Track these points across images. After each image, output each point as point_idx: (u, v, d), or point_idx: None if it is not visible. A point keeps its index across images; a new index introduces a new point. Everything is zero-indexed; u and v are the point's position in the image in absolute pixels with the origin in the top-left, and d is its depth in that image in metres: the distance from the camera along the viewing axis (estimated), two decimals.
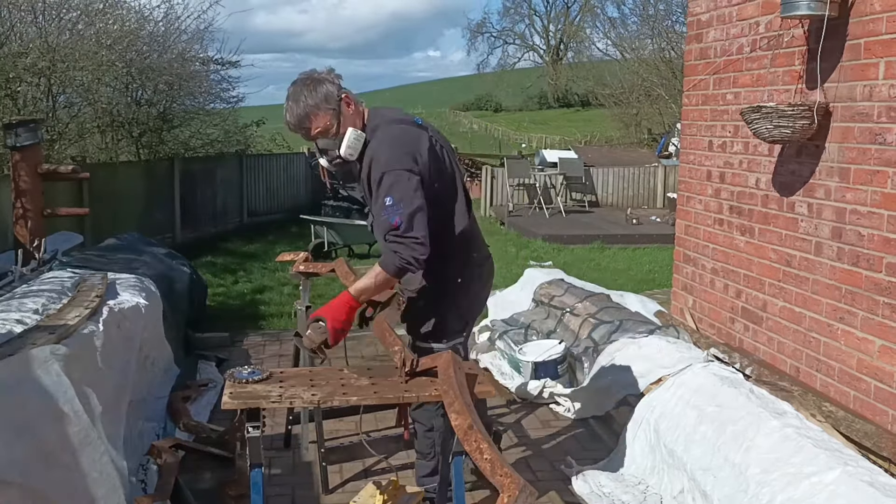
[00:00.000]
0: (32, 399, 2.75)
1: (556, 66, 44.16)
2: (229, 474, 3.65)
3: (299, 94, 2.85)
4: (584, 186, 16.73)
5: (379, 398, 2.83)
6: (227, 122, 13.68)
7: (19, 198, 5.62)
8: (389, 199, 2.75)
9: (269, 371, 2.93)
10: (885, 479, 2.77)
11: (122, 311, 4.09)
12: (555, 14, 45.89)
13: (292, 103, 2.86)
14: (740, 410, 3.39)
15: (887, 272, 3.25)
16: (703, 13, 4.81)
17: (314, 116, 2.86)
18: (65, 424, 2.80)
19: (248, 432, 2.67)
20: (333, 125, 2.88)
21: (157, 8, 11.33)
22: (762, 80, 4.12)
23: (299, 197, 15.11)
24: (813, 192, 3.74)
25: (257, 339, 6.40)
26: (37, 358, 2.86)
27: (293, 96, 2.87)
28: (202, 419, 4.43)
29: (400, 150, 2.82)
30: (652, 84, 21.84)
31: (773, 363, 4.08)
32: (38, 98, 9.38)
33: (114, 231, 7.59)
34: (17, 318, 3.45)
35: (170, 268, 6.51)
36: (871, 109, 3.34)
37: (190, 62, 11.87)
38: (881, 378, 3.29)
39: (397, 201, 2.74)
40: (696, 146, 4.90)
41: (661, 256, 10.29)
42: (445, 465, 3.02)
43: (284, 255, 4.47)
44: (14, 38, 8.98)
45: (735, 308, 4.47)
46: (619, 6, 43.02)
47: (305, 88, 2.86)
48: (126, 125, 11.31)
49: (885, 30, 3.25)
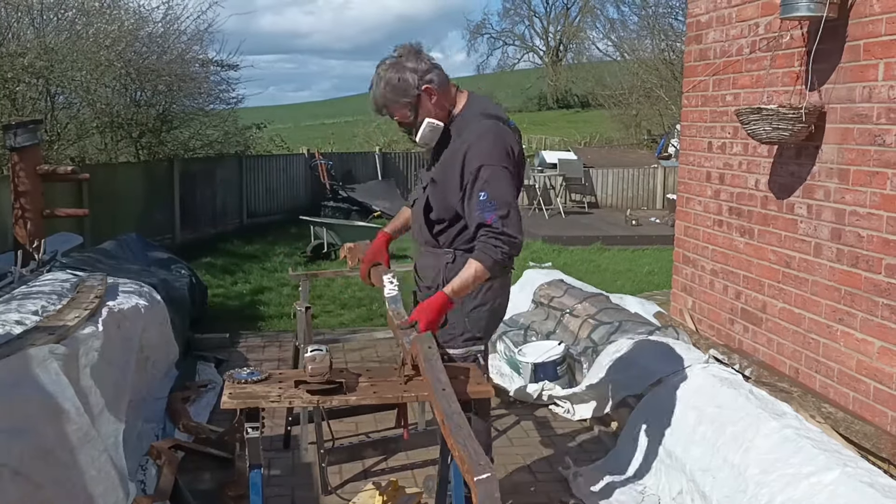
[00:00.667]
0: (32, 397, 2.75)
1: (555, 67, 44.14)
2: (229, 475, 3.65)
3: (380, 83, 2.83)
4: (583, 187, 16.74)
5: (378, 398, 2.82)
6: (226, 123, 13.68)
7: (19, 199, 5.62)
8: (484, 194, 2.71)
9: (268, 372, 2.92)
10: (884, 480, 2.77)
11: (121, 312, 4.09)
12: (554, 15, 45.90)
13: (375, 90, 2.85)
14: (740, 411, 3.39)
15: (886, 273, 3.26)
16: (702, 14, 4.81)
17: (391, 108, 2.86)
18: (64, 422, 2.81)
19: (248, 433, 2.67)
20: (410, 116, 2.86)
21: (156, 9, 11.35)
22: (761, 82, 4.13)
23: (299, 198, 15.10)
24: (812, 194, 3.74)
25: (256, 340, 6.40)
26: (35, 357, 2.87)
27: (376, 83, 2.84)
28: (201, 420, 4.43)
29: (501, 145, 2.80)
30: (652, 85, 21.84)
31: (772, 364, 4.08)
32: (37, 99, 9.37)
33: (113, 232, 7.59)
34: (17, 319, 3.45)
35: (169, 270, 6.52)
36: (870, 111, 3.34)
37: (189, 63, 11.87)
38: (880, 379, 3.29)
39: (492, 198, 2.71)
40: (695, 147, 4.91)
41: (660, 257, 10.29)
42: (445, 465, 3.02)
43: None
44: (11, 38, 8.97)
45: (734, 309, 4.47)
46: (619, 7, 43.06)
47: (386, 77, 2.81)
48: (125, 126, 11.31)
49: (884, 31, 3.25)
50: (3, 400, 2.63)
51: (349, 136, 24.84)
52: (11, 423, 2.61)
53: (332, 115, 43.21)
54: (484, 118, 2.86)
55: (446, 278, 2.86)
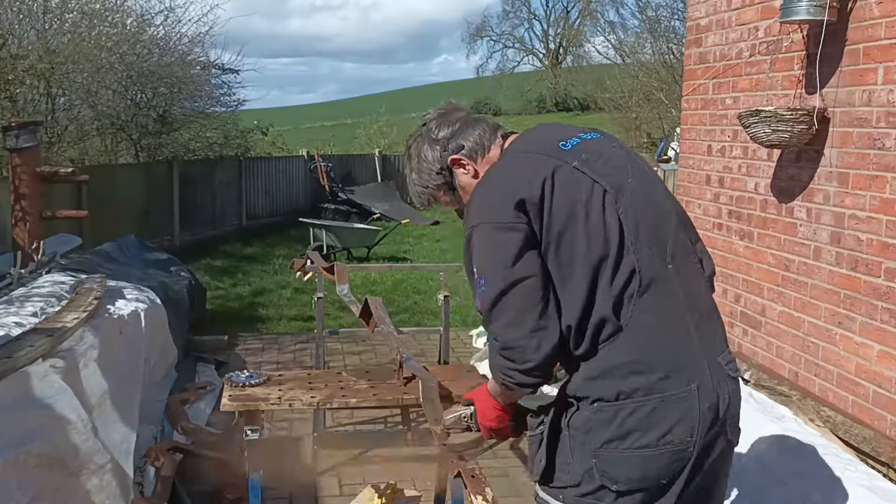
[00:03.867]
0: (35, 416, 2.74)
1: (555, 69, 44.20)
2: (227, 477, 3.64)
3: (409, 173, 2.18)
4: None
5: (378, 400, 2.83)
6: (226, 125, 13.69)
7: (18, 200, 5.61)
8: (476, 268, 1.87)
9: (267, 375, 2.93)
10: (883, 484, 2.77)
11: (122, 317, 4.09)
12: (554, 18, 45.97)
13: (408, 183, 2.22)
14: None
15: (886, 277, 3.25)
16: (702, 18, 4.81)
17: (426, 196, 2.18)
18: (68, 435, 2.80)
19: (247, 435, 2.67)
20: (449, 196, 2.14)
21: (158, 13, 11.37)
22: (761, 85, 4.13)
23: (298, 200, 15.11)
24: (812, 197, 3.74)
25: (256, 342, 6.39)
26: (36, 373, 2.85)
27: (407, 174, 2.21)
28: (200, 422, 4.43)
29: (496, 193, 1.89)
30: (651, 88, 21.84)
31: (771, 368, 4.07)
32: (37, 100, 9.38)
33: (112, 233, 7.59)
34: (16, 320, 3.45)
35: (168, 271, 6.52)
36: (869, 114, 3.34)
37: (190, 65, 11.88)
38: (880, 383, 3.29)
39: (481, 273, 1.85)
40: (695, 150, 4.91)
41: None
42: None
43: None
44: (13, 40, 8.98)
45: (734, 312, 4.47)
46: (618, 9, 43.13)
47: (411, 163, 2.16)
48: (125, 128, 11.32)
49: (883, 35, 3.25)
50: (7, 418, 2.62)
51: (349, 138, 24.85)
52: (16, 438, 2.60)
53: (333, 118, 43.25)
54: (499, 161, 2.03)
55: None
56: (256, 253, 11.18)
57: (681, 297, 1.85)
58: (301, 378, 3.02)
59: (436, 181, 2.11)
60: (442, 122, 2.10)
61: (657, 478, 1.79)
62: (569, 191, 1.83)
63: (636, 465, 1.78)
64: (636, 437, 1.77)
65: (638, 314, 1.80)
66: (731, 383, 1.90)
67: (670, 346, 1.81)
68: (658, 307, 1.82)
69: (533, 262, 1.81)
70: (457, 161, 2.06)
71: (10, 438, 2.57)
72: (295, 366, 5.60)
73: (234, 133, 13.97)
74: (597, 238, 1.80)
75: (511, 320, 1.80)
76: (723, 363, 1.90)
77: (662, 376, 1.78)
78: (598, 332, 1.80)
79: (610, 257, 1.80)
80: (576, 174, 1.86)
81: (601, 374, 1.80)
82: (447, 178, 2.09)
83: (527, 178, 1.86)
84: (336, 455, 4.01)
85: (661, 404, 1.77)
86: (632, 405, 1.77)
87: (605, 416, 1.79)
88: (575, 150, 1.92)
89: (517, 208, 1.83)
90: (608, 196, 1.84)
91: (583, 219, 1.81)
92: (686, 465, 1.79)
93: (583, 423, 1.83)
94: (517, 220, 1.83)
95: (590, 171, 1.86)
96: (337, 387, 2.91)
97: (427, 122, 2.13)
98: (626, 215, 1.84)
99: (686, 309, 1.85)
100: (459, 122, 2.09)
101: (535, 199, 1.82)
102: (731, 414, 1.88)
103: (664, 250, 1.86)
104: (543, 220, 1.82)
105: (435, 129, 2.10)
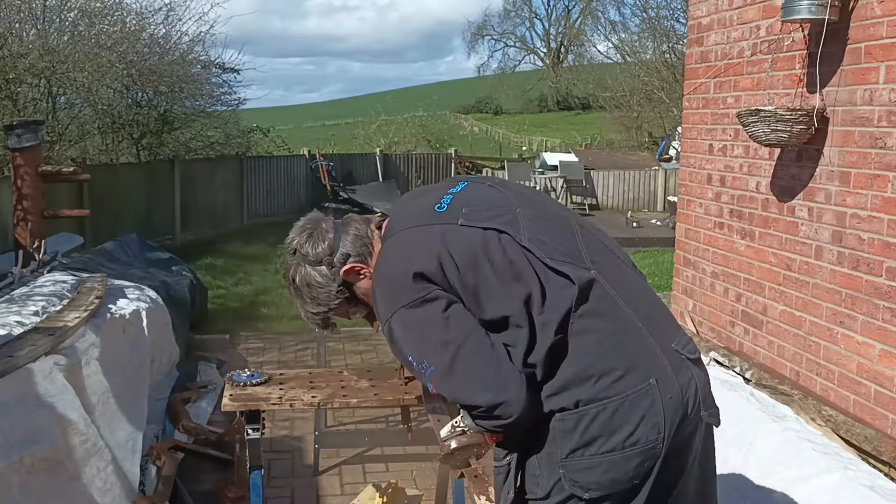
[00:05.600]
0: (39, 412, 2.74)
1: (556, 68, 44.22)
2: (228, 476, 3.65)
3: (302, 305, 2.00)
4: (584, 189, 16.74)
5: (379, 400, 2.83)
6: (227, 124, 13.70)
7: (20, 199, 5.62)
8: (411, 357, 1.77)
9: (268, 374, 2.93)
10: (885, 483, 2.77)
11: (122, 313, 4.09)
12: (555, 17, 45.99)
13: (304, 315, 2.04)
14: (740, 414, 3.39)
15: (887, 276, 3.25)
16: (703, 17, 4.81)
17: (328, 316, 2.01)
18: (70, 435, 2.80)
19: (248, 434, 2.68)
20: (355, 307, 2.00)
21: (158, 11, 11.36)
22: (762, 84, 4.12)
23: (299, 199, 15.12)
24: (813, 196, 3.73)
25: (257, 342, 6.40)
26: (41, 370, 2.85)
27: (300, 306, 2.02)
28: (202, 421, 4.43)
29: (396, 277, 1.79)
30: (653, 87, 21.84)
31: (773, 367, 4.07)
32: (38, 99, 9.39)
33: (114, 233, 7.60)
34: (17, 319, 3.45)
35: (169, 270, 6.52)
36: (871, 113, 3.34)
37: (191, 64, 11.89)
38: (881, 382, 3.29)
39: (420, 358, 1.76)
40: (696, 150, 4.90)
41: (661, 260, 10.29)
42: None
43: None
44: (13, 39, 8.99)
45: (735, 312, 4.46)
46: (619, 8, 43.14)
47: (301, 295, 1.97)
48: (126, 127, 11.33)
49: (885, 34, 3.25)
50: (10, 417, 2.62)
51: (350, 137, 24.86)
52: (18, 439, 2.60)
53: (335, 117, 43.27)
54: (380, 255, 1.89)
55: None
56: (258, 252, 11.18)
57: (615, 295, 1.81)
58: (302, 377, 3.02)
59: (336, 300, 1.95)
60: (313, 239, 1.93)
61: (628, 480, 1.75)
62: (465, 249, 1.77)
63: (604, 470, 1.75)
64: (601, 442, 1.74)
65: (581, 324, 1.76)
66: (692, 366, 1.85)
67: (621, 345, 1.77)
68: (598, 311, 1.78)
69: (463, 319, 1.75)
70: (350, 271, 1.92)
71: (13, 439, 2.57)
72: (296, 365, 5.60)
73: (235, 132, 13.99)
74: (511, 280, 1.76)
75: (474, 386, 1.72)
76: (678, 348, 1.84)
77: (619, 376, 1.74)
78: (551, 355, 1.75)
79: (534, 290, 1.75)
80: (464, 231, 1.80)
81: (560, 389, 1.77)
82: (346, 293, 1.95)
83: (417, 254, 1.78)
84: (337, 454, 4.02)
85: (622, 405, 1.73)
86: (594, 410, 1.74)
87: (568, 426, 1.76)
88: (452, 207, 1.86)
89: (421, 280, 1.74)
90: (504, 237, 1.79)
91: (489, 269, 1.76)
92: (656, 463, 1.76)
93: (546, 433, 1.79)
94: (427, 291, 1.74)
95: (476, 222, 1.81)
96: (338, 386, 2.91)
97: (296, 247, 1.95)
98: (531, 243, 1.79)
99: (626, 305, 1.81)
100: (330, 230, 1.94)
101: (433, 270, 1.75)
102: (701, 396, 1.83)
103: (580, 258, 1.82)
104: (453, 284, 1.75)
105: (310, 249, 1.93)
